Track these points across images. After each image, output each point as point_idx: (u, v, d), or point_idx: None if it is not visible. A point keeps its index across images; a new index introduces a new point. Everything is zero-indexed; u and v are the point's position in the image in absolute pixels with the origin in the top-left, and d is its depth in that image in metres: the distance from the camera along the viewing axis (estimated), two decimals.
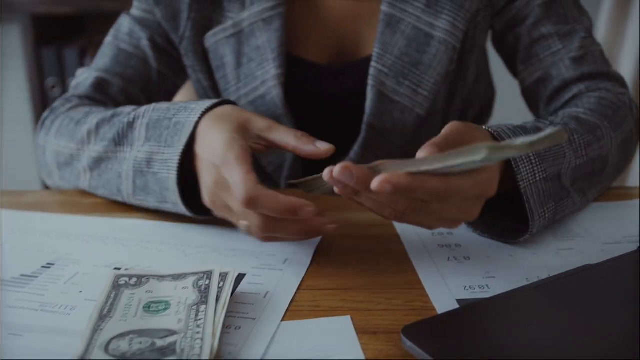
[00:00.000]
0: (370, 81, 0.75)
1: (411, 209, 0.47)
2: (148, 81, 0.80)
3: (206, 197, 0.55)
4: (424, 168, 0.42)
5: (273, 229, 0.51)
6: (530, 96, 0.81)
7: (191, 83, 0.85)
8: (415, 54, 0.75)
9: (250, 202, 0.48)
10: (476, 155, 0.38)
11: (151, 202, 0.61)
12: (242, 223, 0.52)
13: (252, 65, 0.76)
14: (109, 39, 0.82)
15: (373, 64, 0.75)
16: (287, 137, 0.55)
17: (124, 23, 0.81)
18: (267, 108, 0.76)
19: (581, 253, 0.56)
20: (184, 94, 0.97)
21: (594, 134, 0.64)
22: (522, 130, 0.57)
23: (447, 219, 0.49)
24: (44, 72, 1.79)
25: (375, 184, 0.42)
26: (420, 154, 0.45)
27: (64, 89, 1.75)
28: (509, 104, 0.83)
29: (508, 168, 0.54)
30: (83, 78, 0.79)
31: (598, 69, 0.76)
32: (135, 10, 0.81)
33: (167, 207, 0.60)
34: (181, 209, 0.58)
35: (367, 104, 0.75)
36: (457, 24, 0.74)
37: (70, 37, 1.84)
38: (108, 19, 0.83)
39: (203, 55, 0.79)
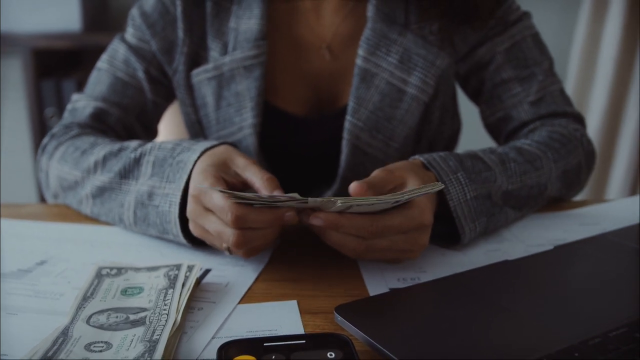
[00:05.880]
0: (345, 135, 0.79)
1: (364, 247, 0.55)
2: (143, 110, 0.86)
3: (190, 226, 0.60)
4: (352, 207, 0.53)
5: (250, 240, 0.55)
6: (492, 131, 0.90)
7: (177, 111, 0.94)
8: (388, 108, 0.79)
9: (239, 221, 0.53)
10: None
11: (153, 232, 0.66)
12: (223, 245, 0.57)
13: (231, 110, 0.81)
14: (104, 65, 0.85)
15: (348, 117, 0.79)
16: (255, 178, 0.58)
17: (120, 50, 0.85)
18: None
19: (506, 253, 0.65)
20: (168, 122, 1.05)
21: (532, 163, 0.72)
22: (455, 158, 0.65)
23: (401, 250, 0.57)
24: (43, 102, 1.89)
25: (311, 218, 0.54)
26: (352, 186, 0.55)
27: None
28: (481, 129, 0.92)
29: (441, 191, 0.62)
30: (81, 105, 0.84)
31: (555, 109, 0.83)
32: (130, 37, 0.85)
33: (168, 237, 0.64)
34: (181, 240, 0.63)
35: (342, 157, 0.80)
36: (428, 80, 0.79)
37: (68, 70, 1.94)
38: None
39: (191, 90, 0.84)
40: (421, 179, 0.60)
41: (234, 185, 0.60)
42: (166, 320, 0.47)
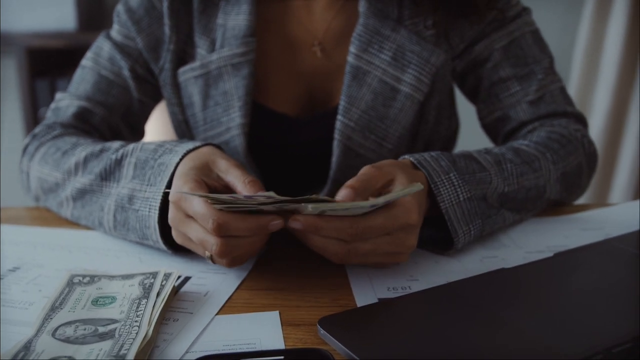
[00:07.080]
0: (336, 135, 0.76)
1: (346, 250, 0.52)
2: (129, 109, 0.83)
3: (173, 234, 0.57)
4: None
5: (234, 248, 0.52)
6: (490, 131, 0.86)
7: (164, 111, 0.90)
8: (381, 107, 0.76)
9: (220, 228, 0.50)
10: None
11: (132, 238, 0.63)
12: (206, 253, 0.54)
13: (218, 109, 0.78)
14: (88, 62, 0.82)
15: (339, 117, 0.75)
16: (237, 181, 0.55)
17: (104, 47, 0.82)
18: (231, 154, 0.77)
19: (503, 260, 0.61)
20: (155, 122, 1.02)
21: (530, 165, 0.68)
22: (447, 158, 0.62)
23: (387, 253, 0.54)
24: (37, 102, 1.86)
25: (290, 221, 0.51)
26: (339, 193, 0.52)
27: None
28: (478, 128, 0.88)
29: (433, 192, 0.59)
30: (64, 104, 0.81)
31: (555, 109, 0.79)
32: (115, 34, 0.82)
33: (148, 243, 0.61)
34: (161, 246, 0.60)
35: (333, 159, 0.77)
36: (423, 79, 0.76)
37: (63, 70, 1.92)
38: None
39: (178, 89, 0.81)
40: (410, 177, 0.56)
41: (216, 189, 0.57)
42: (136, 334, 0.44)
